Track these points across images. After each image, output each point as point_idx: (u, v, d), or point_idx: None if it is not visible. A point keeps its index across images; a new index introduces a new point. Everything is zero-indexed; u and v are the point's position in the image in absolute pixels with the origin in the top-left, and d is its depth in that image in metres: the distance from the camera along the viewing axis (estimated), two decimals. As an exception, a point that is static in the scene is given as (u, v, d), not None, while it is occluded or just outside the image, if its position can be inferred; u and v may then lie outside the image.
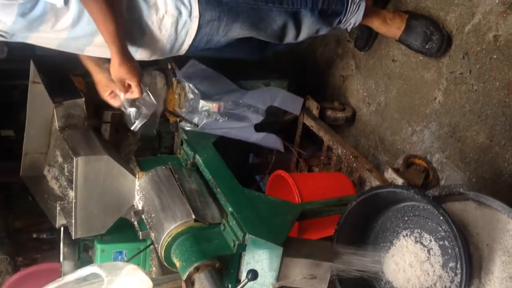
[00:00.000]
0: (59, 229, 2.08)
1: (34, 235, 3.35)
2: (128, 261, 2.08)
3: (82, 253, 2.19)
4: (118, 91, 1.80)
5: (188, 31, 1.74)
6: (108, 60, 1.72)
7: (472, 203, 1.60)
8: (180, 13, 1.70)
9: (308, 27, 1.90)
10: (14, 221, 3.37)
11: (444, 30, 1.99)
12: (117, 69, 1.65)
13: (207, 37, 1.78)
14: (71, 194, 1.88)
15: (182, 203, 1.68)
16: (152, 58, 1.83)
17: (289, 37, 1.91)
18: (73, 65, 2.62)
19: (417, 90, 2.13)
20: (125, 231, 2.07)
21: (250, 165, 2.41)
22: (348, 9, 1.93)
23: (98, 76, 1.86)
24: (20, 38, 1.63)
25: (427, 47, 2.01)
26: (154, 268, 2.17)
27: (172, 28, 1.72)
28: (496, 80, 1.79)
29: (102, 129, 3.45)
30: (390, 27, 2.06)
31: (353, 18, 1.98)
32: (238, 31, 1.80)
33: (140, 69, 1.71)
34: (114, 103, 1.89)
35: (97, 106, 3.41)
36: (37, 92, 2.11)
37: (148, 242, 2.05)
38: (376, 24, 2.10)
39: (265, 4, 1.78)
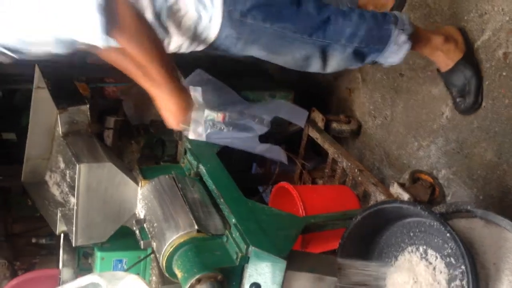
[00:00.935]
0: (59, 235, 2.06)
1: (33, 240, 3.33)
2: (128, 269, 2.05)
3: (82, 260, 2.16)
4: None
5: (207, 36, 1.70)
6: None
7: (479, 220, 1.58)
8: (200, 17, 1.66)
9: (337, 62, 1.76)
10: (13, 225, 3.35)
11: (481, 97, 1.87)
12: (162, 110, 1.68)
13: (223, 47, 1.74)
14: (73, 200, 1.86)
15: (185, 213, 1.65)
16: (173, 51, 1.78)
17: (313, 69, 1.79)
18: (78, 71, 2.62)
19: (424, 105, 2.12)
20: (126, 239, 2.04)
21: (253, 175, 2.38)
22: (387, 48, 1.75)
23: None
24: None
25: (458, 100, 1.92)
26: (154, 278, 2.13)
27: (191, 29, 1.68)
28: (505, 97, 1.78)
29: (105, 135, 3.44)
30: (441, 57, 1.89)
31: (391, 58, 1.80)
32: (255, 52, 1.73)
33: (187, 107, 1.71)
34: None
35: (100, 112, 3.41)
36: (41, 97, 2.10)
37: (149, 251, 2.02)
38: (425, 52, 1.92)
39: (292, 33, 1.67)
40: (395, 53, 1.77)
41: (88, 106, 1.91)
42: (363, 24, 1.71)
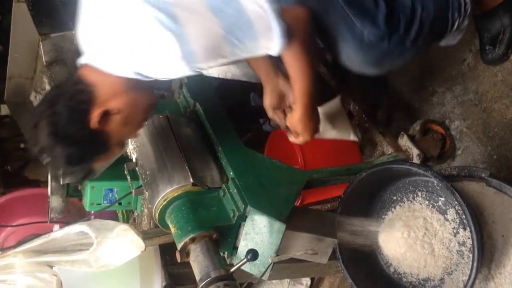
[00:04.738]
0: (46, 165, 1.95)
1: (22, 145, 3.24)
2: (120, 200, 1.98)
3: (72, 188, 2.08)
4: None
5: None
6: None
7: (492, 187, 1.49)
8: None
9: None
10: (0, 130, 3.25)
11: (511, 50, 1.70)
12: (295, 122, 1.54)
13: None
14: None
15: (180, 164, 1.55)
16: None
17: None
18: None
19: (444, 47, 1.92)
20: (117, 167, 1.95)
21: (254, 107, 2.23)
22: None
23: (271, 85, 1.63)
24: None
25: (486, 48, 1.74)
26: (146, 210, 2.08)
27: None
28: (538, 53, 1.60)
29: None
30: None
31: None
32: None
33: (317, 128, 1.59)
34: (275, 119, 1.67)
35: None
36: (21, 12, 1.89)
37: (141, 183, 1.94)
38: None
39: None
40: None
41: (73, 32, 1.71)
42: None
